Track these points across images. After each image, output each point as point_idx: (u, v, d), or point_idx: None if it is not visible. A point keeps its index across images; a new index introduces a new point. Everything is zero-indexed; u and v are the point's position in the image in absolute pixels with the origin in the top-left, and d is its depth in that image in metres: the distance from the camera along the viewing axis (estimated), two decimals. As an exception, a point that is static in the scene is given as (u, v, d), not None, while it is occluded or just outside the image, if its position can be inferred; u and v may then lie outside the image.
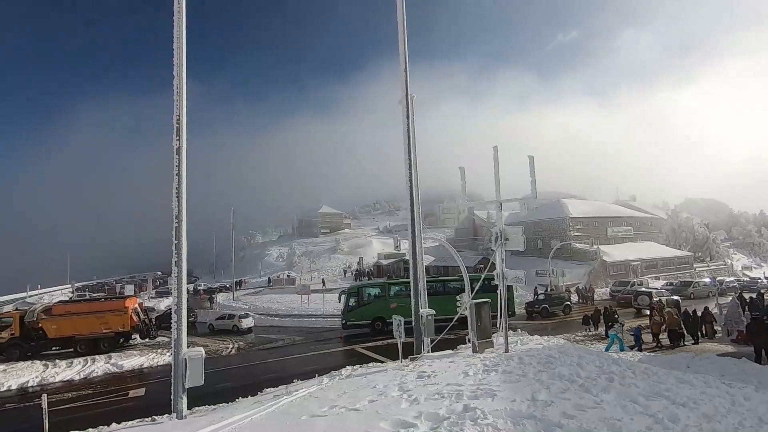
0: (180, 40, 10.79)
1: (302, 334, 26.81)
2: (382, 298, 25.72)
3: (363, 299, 25.82)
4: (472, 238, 65.50)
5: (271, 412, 6.43)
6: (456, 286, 26.91)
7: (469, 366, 8.22)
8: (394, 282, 29.80)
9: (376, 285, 29.11)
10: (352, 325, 25.22)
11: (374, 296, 26.10)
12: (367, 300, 25.87)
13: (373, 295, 26.16)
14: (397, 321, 14.46)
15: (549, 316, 28.26)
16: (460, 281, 27.73)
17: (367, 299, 25.90)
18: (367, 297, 26.04)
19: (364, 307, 25.54)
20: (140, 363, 20.65)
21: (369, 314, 25.21)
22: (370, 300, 25.89)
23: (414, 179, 14.08)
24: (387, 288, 26.69)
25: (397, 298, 25.79)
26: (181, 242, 10.32)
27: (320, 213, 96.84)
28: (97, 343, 23.25)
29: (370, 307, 25.51)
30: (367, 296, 26.11)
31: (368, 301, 25.80)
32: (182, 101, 10.68)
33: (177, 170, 10.42)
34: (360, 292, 26.32)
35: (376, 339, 22.83)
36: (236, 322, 29.05)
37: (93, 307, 25.26)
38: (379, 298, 25.87)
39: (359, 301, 25.66)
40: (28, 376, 18.88)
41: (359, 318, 25.21)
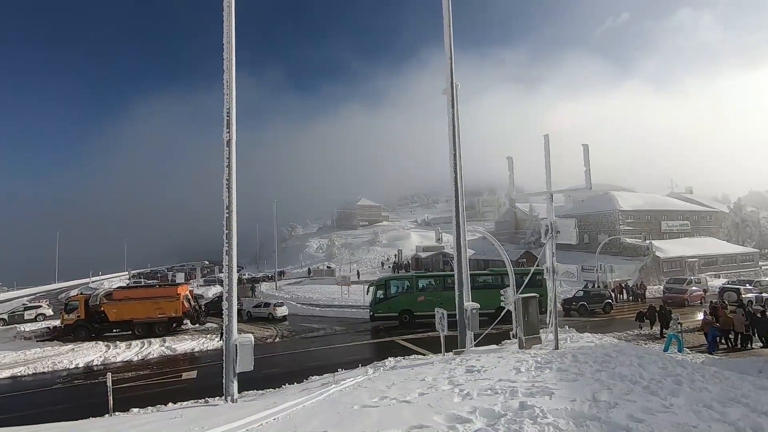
0: (230, 35, 11.06)
1: (342, 325, 27.15)
2: (410, 291, 25.77)
3: (390, 292, 25.91)
4: (514, 232, 63.82)
5: (322, 400, 6.49)
6: (486, 280, 26.64)
7: (520, 362, 7.94)
8: (422, 275, 29.68)
9: (403, 278, 28.95)
10: (379, 317, 25.38)
11: (402, 289, 26.15)
12: (395, 292, 25.96)
13: (401, 288, 26.20)
14: (440, 314, 14.28)
15: (587, 315, 26.93)
16: (492, 275, 27.43)
17: (394, 292, 25.98)
18: (395, 289, 26.11)
19: (392, 299, 25.64)
20: (191, 347, 21.67)
21: (396, 307, 25.30)
22: (398, 293, 25.97)
23: (459, 170, 13.78)
24: (415, 281, 26.66)
25: (424, 291, 25.79)
26: (232, 231, 10.66)
27: (359, 205, 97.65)
28: (153, 327, 24.63)
29: (397, 299, 25.60)
30: (395, 289, 26.17)
31: (396, 294, 25.88)
32: (232, 95, 10.97)
33: (227, 161, 10.75)
34: (387, 284, 26.42)
35: (416, 331, 22.75)
36: (271, 310, 30.13)
37: (148, 293, 26.81)
38: (407, 290, 25.92)
39: (386, 293, 25.78)
40: (93, 355, 20.32)
41: (386, 310, 25.35)
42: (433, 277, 28.21)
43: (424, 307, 24.66)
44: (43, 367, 18.80)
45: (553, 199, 11.63)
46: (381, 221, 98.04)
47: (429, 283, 26.53)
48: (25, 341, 23.76)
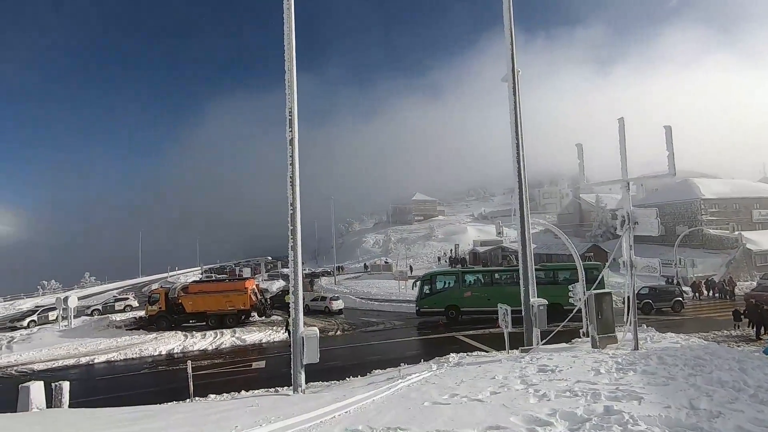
0: (290, 36, 11.35)
1: (401, 319, 27.22)
2: (456, 287, 25.56)
3: (436, 287, 25.84)
4: (578, 224, 60.43)
5: (391, 395, 6.47)
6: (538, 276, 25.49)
7: (598, 363, 7.40)
8: (468, 270, 29.08)
9: (450, 273, 28.64)
10: (425, 312, 25.45)
11: (448, 284, 25.99)
12: (441, 288, 25.83)
13: (447, 283, 26.05)
14: (504, 310, 13.77)
15: (653, 314, 24.52)
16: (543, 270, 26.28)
17: (440, 287, 25.88)
18: (441, 285, 26.00)
19: (438, 294, 25.53)
20: (259, 338, 22.81)
21: (442, 302, 25.20)
22: (444, 288, 25.81)
23: (521, 160, 13.17)
24: (461, 276, 26.38)
25: (471, 287, 25.48)
26: (296, 228, 10.97)
27: (414, 200, 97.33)
28: (224, 318, 26.24)
29: (443, 294, 25.44)
30: (441, 284, 26.05)
31: (442, 289, 25.74)
32: (293, 95, 11.26)
33: (290, 160, 11.07)
34: (433, 279, 26.34)
35: (477, 327, 22.27)
36: (327, 303, 31.10)
37: (219, 287, 28.60)
38: (453, 286, 25.72)
39: (432, 288, 25.74)
40: (173, 344, 22.05)
41: (432, 305, 25.33)
42: (480, 273, 27.84)
43: (471, 302, 24.63)
44: (132, 353, 20.72)
45: (629, 187, 10.73)
46: (436, 216, 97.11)
47: (476, 279, 26.33)
48: (116, 330, 26.29)
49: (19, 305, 44.80)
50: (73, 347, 22.16)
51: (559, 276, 24.89)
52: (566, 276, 24.87)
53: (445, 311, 24.99)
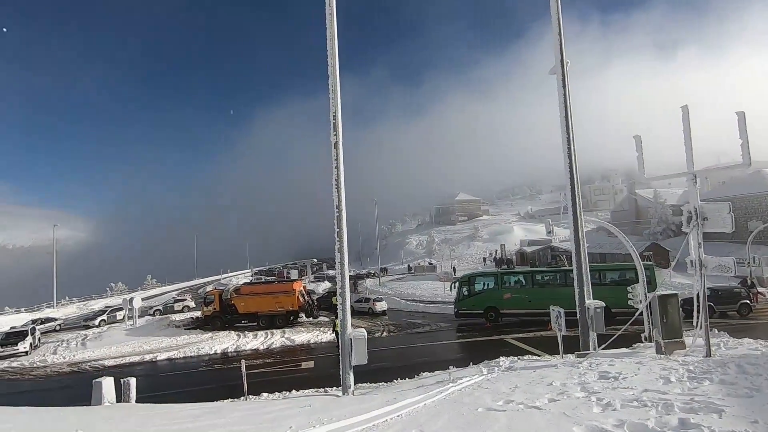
0: (332, 41, 11.50)
1: (447, 321, 26.84)
2: (495, 288, 25.07)
3: (475, 288, 25.46)
4: (635, 222, 56.93)
5: (443, 399, 6.33)
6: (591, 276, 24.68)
7: (667, 370, 6.85)
8: (508, 272, 28.44)
9: (489, 274, 27.99)
10: (463, 314, 25.16)
11: (487, 286, 25.50)
12: (480, 289, 25.40)
13: (486, 285, 25.58)
14: (556, 312, 13.20)
15: (715, 317, 22.12)
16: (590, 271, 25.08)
17: (479, 289, 25.46)
18: (480, 286, 25.57)
19: (476, 296, 25.16)
20: (307, 339, 23.31)
21: (481, 304, 24.81)
22: (483, 289, 25.36)
23: (573, 155, 12.56)
24: (500, 278, 25.81)
25: (511, 288, 24.93)
26: (342, 230, 11.08)
27: (457, 200, 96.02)
28: (274, 319, 27.08)
29: (482, 296, 25.04)
30: (480, 285, 25.61)
31: (480, 291, 25.32)
32: (337, 98, 11.40)
33: (335, 163, 11.20)
34: (472, 281, 25.92)
35: (526, 330, 21.51)
36: (371, 305, 31.25)
37: (269, 288, 29.58)
38: (492, 288, 25.24)
39: (471, 290, 25.38)
40: (227, 343, 23.02)
41: (470, 307, 25.00)
42: (520, 274, 27.16)
43: (511, 304, 24.17)
44: (190, 351, 21.84)
45: (696, 181, 9.89)
46: (480, 215, 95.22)
47: (517, 280, 25.73)
48: (176, 329, 27.87)
49: (91, 305, 48.70)
50: (138, 345, 23.73)
51: (606, 277, 23.71)
52: (614, 277, 23.72)
53: (484, 313, 24.67)
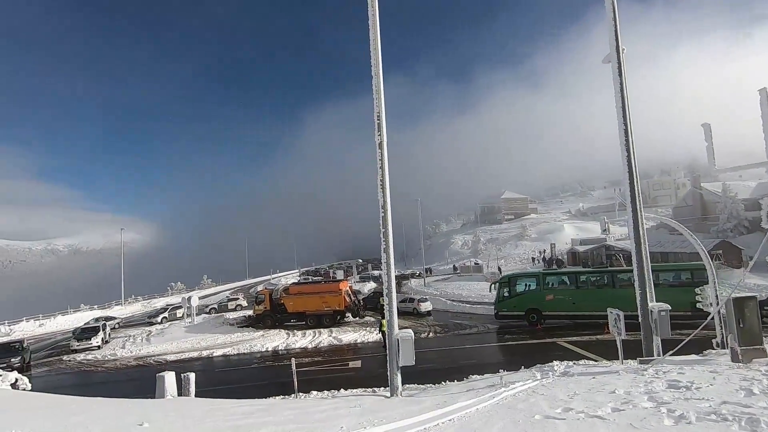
0: (375, 42, 11.50)
1: (494, 322, 26.10)
2: (537, 289, 24.40)
3: (516, 289, 24.94)
4: (699, 218, 52.68)
5: (496, 404, 6.10)
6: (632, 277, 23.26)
7: (748, 381, 6.20)
8: (550, 272, 27.40)
9: (530, 275, 27.15)
10: (504, 315, 24.75)
11: (529, 287, 24.89)
12: (521, 290, 24.86)
13: (528, 286, 24.99)
14: (615, 315, 12.41)
15: None
16: None
17: (520, 290, 24.91)
18: (521, 287, 25.03)
19: (517, 297, 24.62)
20: (354, 338, 23.54)
21: (522, 305, 24.25)
22: (524, 290, 24.79)
23: (631, 148, 11.76)
24: (542, 278, 24.97)
25: (553, 289, 24.21)
26: (388, 230, 11.05)
27: (503, 198, 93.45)
28: (321, 318, 27.61)
29: (523, 297, 24.48)
30: (521, 286, 25.08)
31: (522, 292, 24.76)
32: (381, 99, 11.39)
33: (380, 163, 11.18)
34: (512, 281, 25.40)
35: (581, 333, 20.50)
36: (415, 305, 30.97)
37: (316, 288, 30.20)
38: (534, 289, 24.59)
39: (512, 291, 24.88)
40: (277, 341, 23.75)
41: (511, 308, 24.54)
42: (564, 275, 26.20)
43: (554, 306, 23.53)
44: (243, 348, 22.74)
45: None
46: (528, 214, 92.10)
47: (560, 281, 24.92)
48: (230, 327, 29.14)
49: (154, 303, 52.07)
50: (196, 341, 25.04)
51: (660, 278, 22.36)
52: (667, 278, 22.36)
53: (525, 315, 24.07)
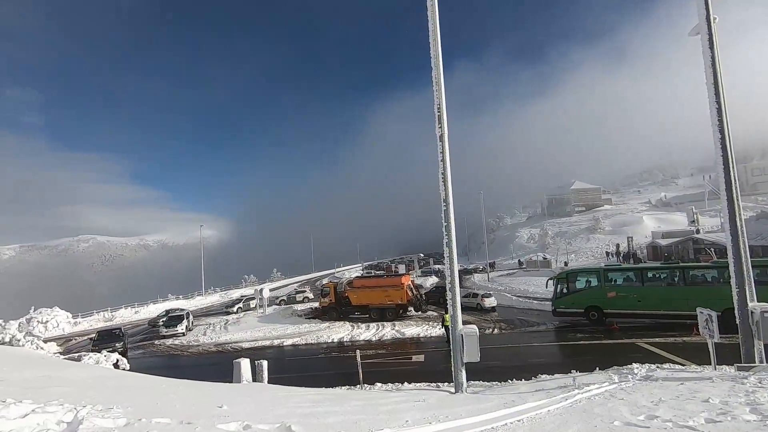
0: (435, 33, 11.29)
1: (565, 320, 24.75)
2: (598, 286, 22.90)
3: (575, 285, 23.70)
4: (812, 207, 45.87)
5: (569, 406, 5.76)
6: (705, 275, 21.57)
7: None
8: (613, 268, 25.53)
9: (591, 270, 25.32)
10: (561, 312, 23.65)
11: (588, 283, 23.50)
12: (580, 287, 23.55)
13: (587, 282, 23.60)
14: (706, 315, 11.20)
15: None
16: (716, 268, 21.24)
17: (579, 286, 23.60)
18: (580, 283, 23.72)
19: (576, 294, 23.34)
20: (417, 332, 23.57)
21: (581, 302, 22.97)
22: (584, 287, 23.44)
23: (726, 128, 10.45)
24: (603, 274, 23.33)
25: (616, 286, 22.59)
26: (450, 224, 10.86)
27: (573, 189, 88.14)
28: (384, 312, 27.97)
29: (582, 294, 23.15)
30: (580, 282, 23.75)
31: (581, 288, 23.44)
32: (441, 90, 11.18)
33: (441, 156, 10.99)
34: (571, 277, 24.16)
35: (665, 334, 18.78)
36: (479, 300, 30.17)
37: (379, 282, 30.63)
38: (595, 285, 23.12)
39: (570, 287, 23.68)
40: (342, 333, 24.45)
41: (569, 305, 23.38)
42: (629, 271, 24.30)
43: (616, 304, 22.11)
44: (311, 339, 23.70)
45: None
46: (601, 205, 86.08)
47: (624, 278, 23.25)
48: (298, 318, 30.53)
49: (230, 294, 56.02)
50: (268, 331, 26.56)
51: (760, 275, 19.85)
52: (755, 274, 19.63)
53: (584, 312, 22.83)
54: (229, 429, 4.10)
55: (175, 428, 3.91)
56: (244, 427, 4.18)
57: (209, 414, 4.80)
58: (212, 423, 4.21)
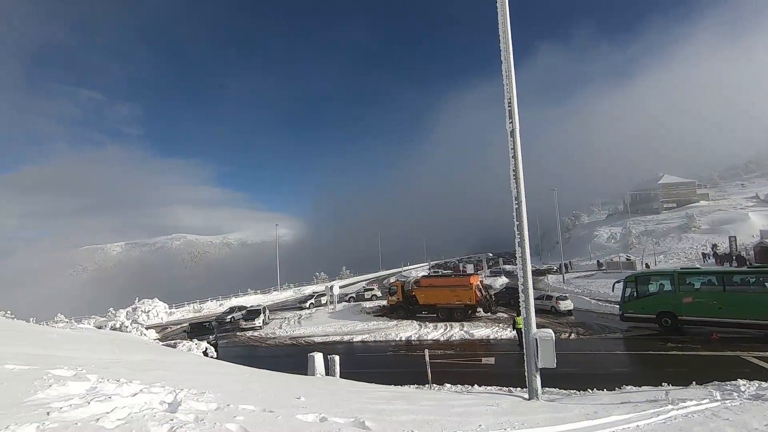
0: (504, 24, 10.90)
1: (653, 327, 22.66)
2: (672, 290, 20.93)
3: (645, 289, 22.13)
4: None
5: (662, 423, 5.25)
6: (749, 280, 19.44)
7: None
8: (689, 271, 22.68)
9: (663, 273, 23.45)
10: (630, 318, 22.27)
11: (661, 287, 21.83)
12: (651, 291, 21.98)
13: (660, 286, 21.77)
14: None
15: None
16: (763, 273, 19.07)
17: (651, 290, 22.03)
18: (651, 287, 22.10)
19: (647, 298, 21.75)
20: (486, 334, 22.98)
21: (653, 307, 21.37)
22: (655, 291, 21.87)
23: None
24: (679, 278, 21.13)
25: (693, 290, 20.45)
26: (522, 222, 10.42)
27: (661, 184, 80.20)
28: (452, 312, 27.61)
29: (654, 298, 21.62)
30: (651, 286, 22.14)
31: (652, 292, 21.87)
32: (512, 84, 10.74)
33: (512, 152, 10.58)
34: (641, 280, 22.60)
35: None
36: (554, 303, 28.69)
37: (447, 282, 30.31)
38: (669, 289, 21.19)
39: (639, 290, 22.13)
40: (410, 332, 24.56)
41: (638, 310, 21.88)
42: (710, 275, 21.64)
43: (693, 310, 20.23)
44: (379, 336, 24.12)
45: None
46: (696, 201, 77.39)
47: (703, 282, 20.87)
48: (366, 315, 31.20)
49: (303, 290, 58.79)
50: (338, 327, 27.47)
51: None
52: None
53: (656, 318, 21.09)
54: (306, 420, 4.31)
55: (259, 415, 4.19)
56: (320, 419, 4.37)
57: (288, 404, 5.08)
58: (291, 413, 4.46)
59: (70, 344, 9.32)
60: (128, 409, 3.63)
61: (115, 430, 3.11)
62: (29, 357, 5.98)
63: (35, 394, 3.74)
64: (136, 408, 3.72)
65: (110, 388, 4.24)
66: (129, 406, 3.71)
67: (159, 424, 3.28)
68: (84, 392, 4.01)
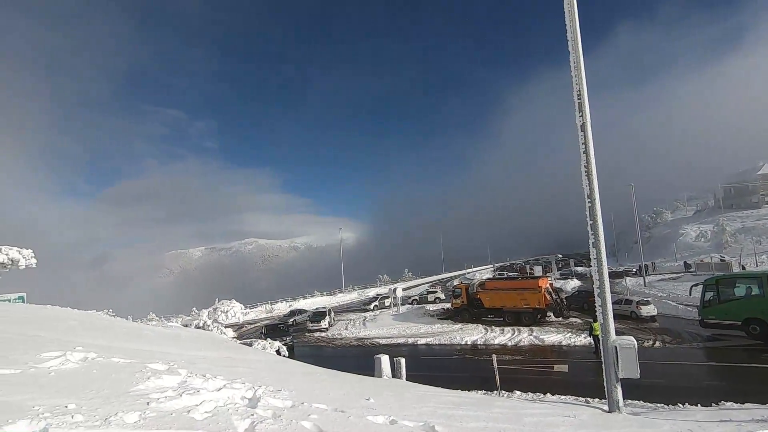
0: (572, 13, 10.33)
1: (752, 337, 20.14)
2: (761, 294, 18.93)
3: (728, 293, 20.37)
4: None
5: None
6: None
7: None
8: None
9: (750, 276, 21.39)
10: (711, 324, 20.60)
11: (748, 290, 19.75)
12: (736, 295, 20.10)
13: (746, 289, 19.88)
14: None
15: None
16: None
17: (735, 294, 20.19)
18: (736, 291, 20.25)
19: (732, 302, 19.96)
20: (558, 340, 21.79)
21: (738, 313, 19.47)
22: (741, 295, 19.90)
23: None
24: (766, 281, 18.74)
25: None
26: (597, 222, 9.75)
27: (760, 174, 71.11)
28: (520, 316, 26.55)
29: (740, 303, 19.64)
30: (736, 290, 20.28)
31: (738, 296, 19.96)
32: (581, 75, 10.13)
33: (583, 148, 9.95)
34: (724, 283, 20.88)
35: None
36: (634, 308, 26.48)
37: (513, 285, 29.20)
38: (758, 293, 19.16)
39: (722, 294, 20.40)
40: (476, 335, 24.00)
41: (721, 316, 20.07)
42: None
43: None
44: (444, 339, 23.84)
45: None
46: (806, 193, 67.58)
47: None
48: (430, 318, 31.00)
49: (367, 293, 59.81)
50: (402, 329, 27.56)
51: None
52: None
53: (743, 324, 19.00)
54: (377, 421, 4.37)
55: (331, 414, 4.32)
56: (390, 422, 4.41)
57: (358, 405, 5.19)
58: (362, 414, 4.54)
59: (162, 340, 10.29)
60: (214, 402, 3.92)
61: (204, 421, 3.38)
62: (130, 351, 6.70)
63: (137, 385, 4.18)
64: (220, 402, 4.01)
65: (198, 383, 4.61)
66: (214, 400, 4.01)
67: (241, 419, 3.51)
68: (176, 385, 4.41)
